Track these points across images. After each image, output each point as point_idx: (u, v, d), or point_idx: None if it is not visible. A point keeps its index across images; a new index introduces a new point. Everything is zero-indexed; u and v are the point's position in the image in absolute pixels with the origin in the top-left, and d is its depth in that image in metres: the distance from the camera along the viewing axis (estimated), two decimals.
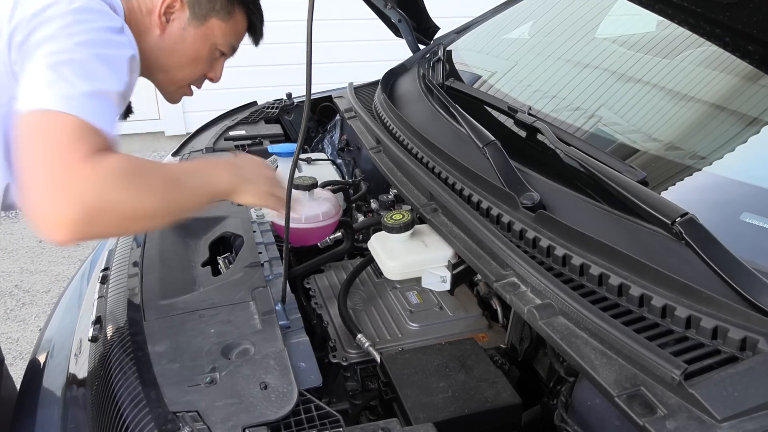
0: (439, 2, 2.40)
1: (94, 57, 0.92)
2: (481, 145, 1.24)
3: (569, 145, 1.17)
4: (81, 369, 1.18)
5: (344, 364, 1.16)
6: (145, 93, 4.30)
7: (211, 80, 1.30)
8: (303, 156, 1.86)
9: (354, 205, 1.72)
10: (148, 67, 1.18)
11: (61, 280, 3.35)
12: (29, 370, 1.42)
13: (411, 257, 1.19)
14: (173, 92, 1.28)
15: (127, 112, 1.19)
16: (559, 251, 0.98)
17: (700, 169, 1.10)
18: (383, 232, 1.24)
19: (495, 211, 1.12)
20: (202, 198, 1.00)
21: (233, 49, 1.28)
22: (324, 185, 1.61)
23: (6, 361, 1.48)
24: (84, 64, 0.91)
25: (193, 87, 1.31)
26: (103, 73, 0.92)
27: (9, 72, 0.96)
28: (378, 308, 1.32)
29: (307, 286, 1.43)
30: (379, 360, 1.10)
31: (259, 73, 4.78)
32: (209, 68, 1.27)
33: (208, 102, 3.34)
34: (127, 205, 0.86)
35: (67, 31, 0.92)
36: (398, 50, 2.24)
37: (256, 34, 1.31)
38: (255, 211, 1.43)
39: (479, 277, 1.29)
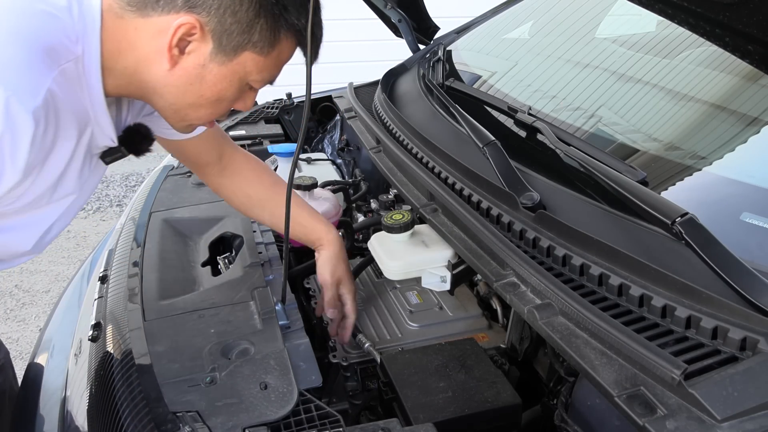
0: (439, 2, 2.40)
1: None
2: (481, 145, 1.24)
3: (569, 145, 1.17)
4: (81, 369, 1.18)
5: (344, 364, 1.16)
6: None
7: (239, 110, 1.08)
8: (303, 156, 1.86)
9: (354, 205, 1.72)
10: (148, 98, 0.95)
11: (61, 280, 3.35)
12: (29, 371, 1.42)
13: (411, 257, 1.19)
14: (184, 128, 1.02)
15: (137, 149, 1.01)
16: (559, 251, 0.98)
17: (700, 169, 1.10)
18: (383, 232, 1.24)
19: (495, 211, 1.12)
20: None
21: (271, 83, 1.01)
22: (324, 185, 1.61)
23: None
24: None
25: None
26: None
27: None
28: (378, 308, 1.32)
29: (307, 286, 1.42)
30: (379, 360, 1.10)
31: None
32: (235, 104, 1.01)
33: None
34: None
35: None
36: (398, 50, 2.24)
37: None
38: None
39: (479, 277, 1.29)
